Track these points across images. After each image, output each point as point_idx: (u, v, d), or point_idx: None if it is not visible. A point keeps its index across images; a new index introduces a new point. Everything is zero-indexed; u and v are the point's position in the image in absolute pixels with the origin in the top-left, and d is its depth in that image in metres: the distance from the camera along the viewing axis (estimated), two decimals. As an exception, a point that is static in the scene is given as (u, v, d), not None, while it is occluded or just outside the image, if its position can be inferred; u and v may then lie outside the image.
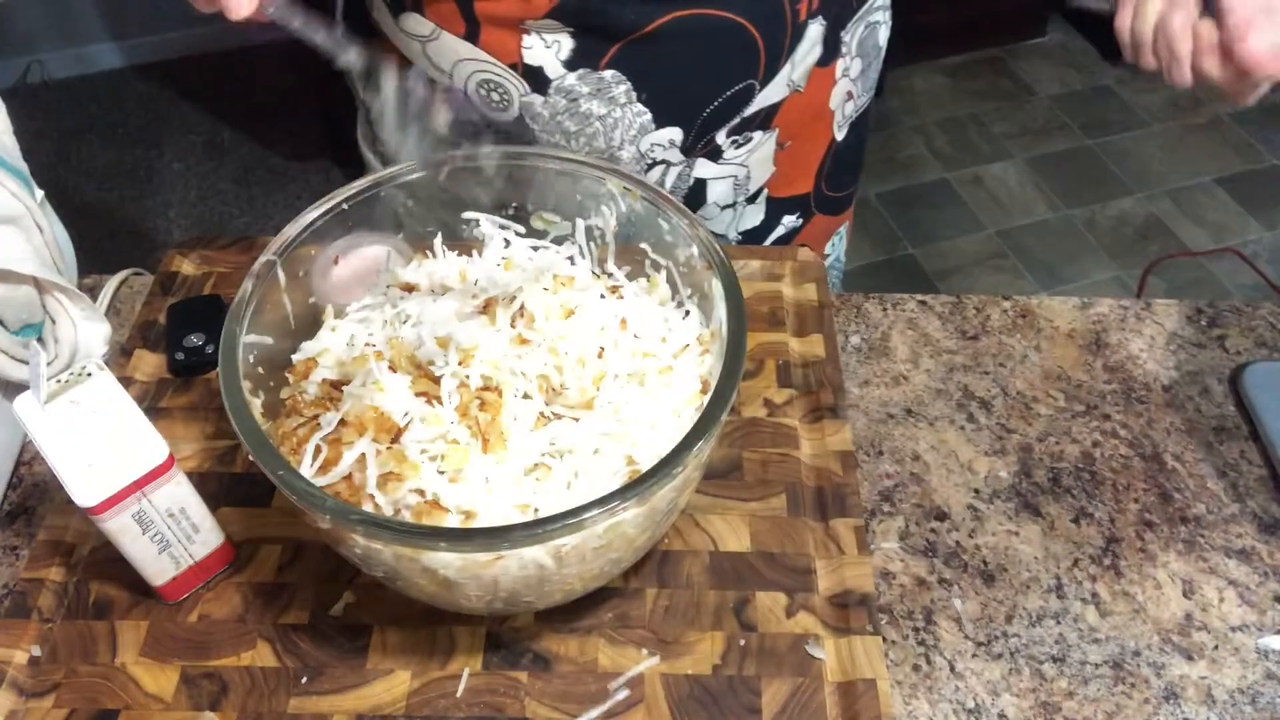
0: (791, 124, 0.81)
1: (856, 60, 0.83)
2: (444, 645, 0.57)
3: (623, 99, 0.72)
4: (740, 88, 0.74)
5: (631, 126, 0.74)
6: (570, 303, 0.58)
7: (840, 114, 0.85)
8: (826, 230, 0.94)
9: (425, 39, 0.72)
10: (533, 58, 0.70)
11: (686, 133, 0.76)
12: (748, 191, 0.84)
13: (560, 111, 0.73)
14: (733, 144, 0.79)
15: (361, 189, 0.60)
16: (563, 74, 0.71)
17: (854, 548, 0.60)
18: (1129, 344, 0.76)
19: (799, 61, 0.77)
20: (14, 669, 0.55)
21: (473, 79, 0.73)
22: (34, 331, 0.63)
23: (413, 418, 0.53)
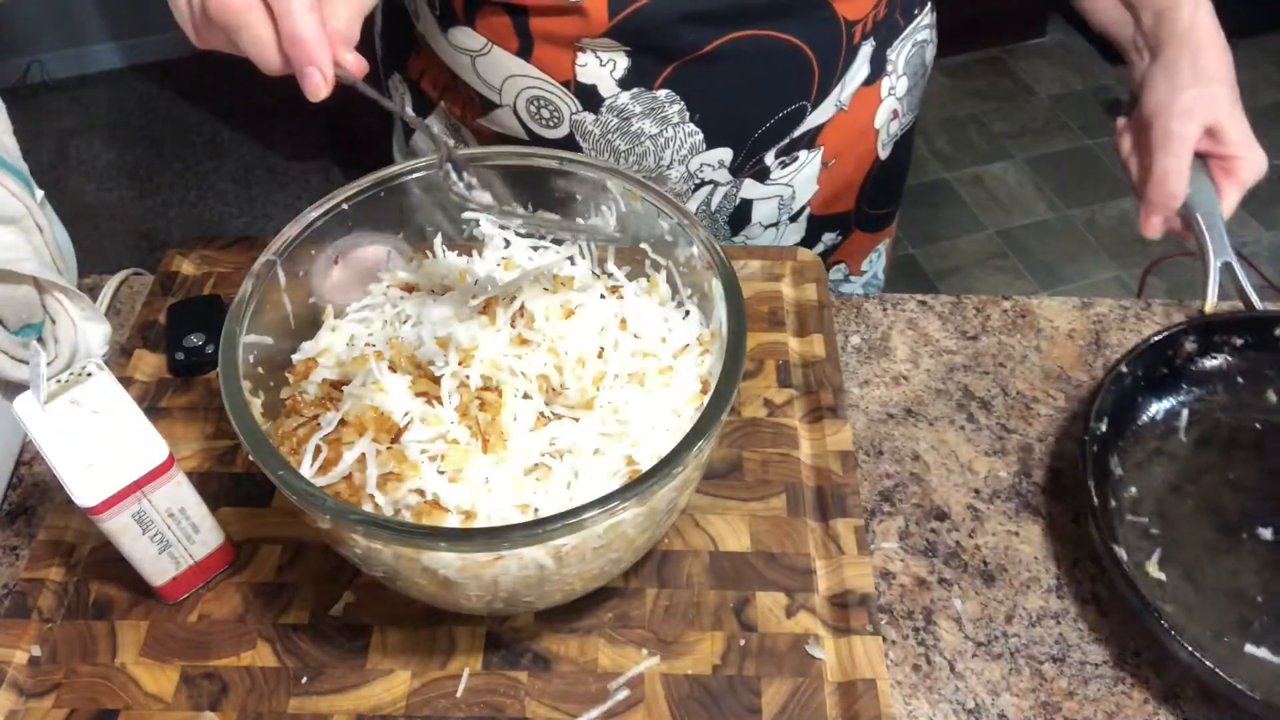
0: (837, 143, 0.80)
1: (903, 79, 0.82)
2: (444, 645, 0.57)
3: (675, 119, 0.72)
4: (793, 109, 0.74)
5: (683, 147, 0.74)
6: (570, 303, 0.58)
7: (885, 133, 0.84)
8: (865, 247, 0.93)
9: (476, 54, 0.71)
10: (586, 75, 0.70)
11: (737, 153, 0.76)
12: (791, 210, 0.83)
13: (611, 130, 0.72)
14: (780, 164, 0.79)
15: (361, 189, 0.60)
16: (616, 93, 0.71)
17: (854, 548, 0.60)
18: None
19: (848, 82, 0.77)
20: (14, 669, 0.55)
21: (522, 95, 0.72)
22: (34, 331, 0.63)
23: (413, 418, 0.53)
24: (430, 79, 0.80)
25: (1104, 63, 2.67)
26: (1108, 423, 0.64)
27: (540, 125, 0.73)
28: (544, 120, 0.73)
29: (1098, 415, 0.63)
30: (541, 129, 0.74)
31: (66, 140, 2.46)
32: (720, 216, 0.82)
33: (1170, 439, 0.67)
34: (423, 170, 0.61)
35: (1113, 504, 0.64)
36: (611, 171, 0.61)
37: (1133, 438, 0.67)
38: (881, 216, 0.93)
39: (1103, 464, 0.64)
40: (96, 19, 2.59)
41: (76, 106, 2.57)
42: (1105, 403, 0.64)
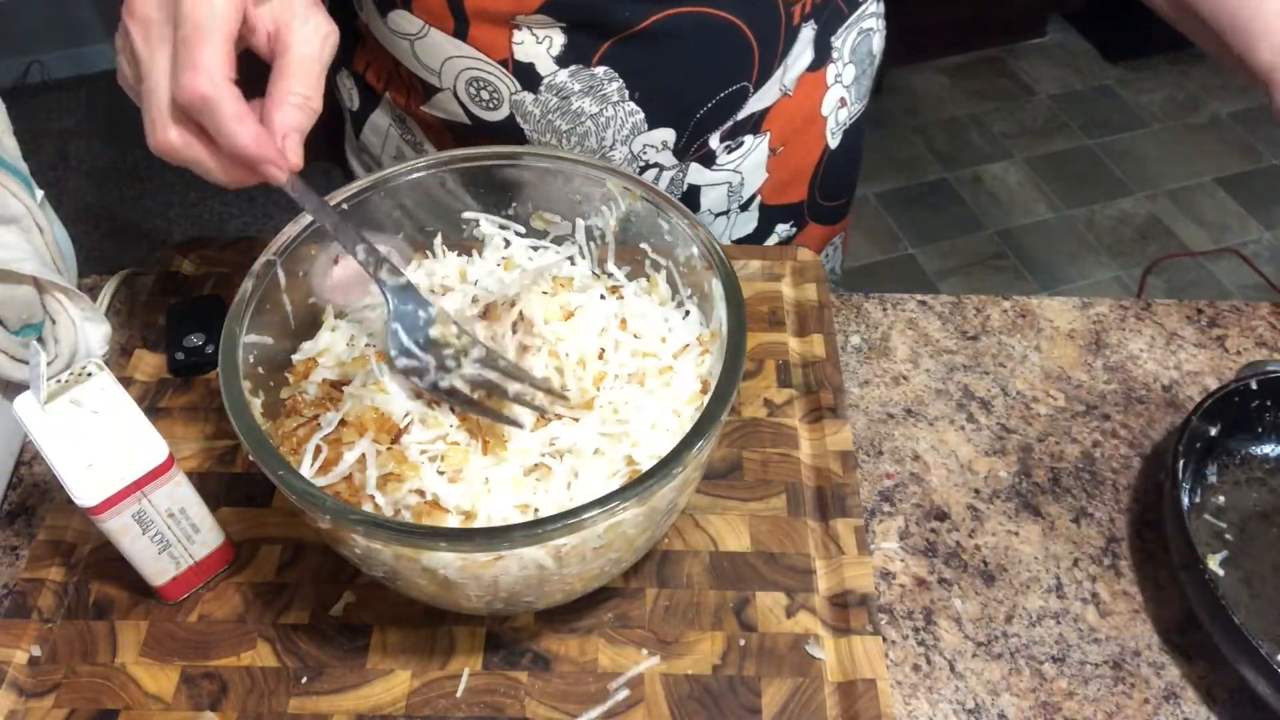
0: (783, 129, 0.80)
1: (850, 67, 0.82)
2: (444, 645, 0.57)
3: (615, 97, 0.72)
4: (734, 90, 0.74)
5: (624, 126, 0.74)
6: (570, 304, 0.58)
7: (834, 120, 0.84)
8: (821, 240, 0.93)
9: (414, 37, 0.71)
10: (523, 54, 0.69)
11: (680, 134, 0.75)
12: (741, 198, 0.83)
13: (551, 110, 0.72)
14: (725, 149, 0.79)
15: (361, 189, 0.60)
16: (554, 70, 0.70)
17: (854, 548, 0.60)
18: (1129, 344, 0.76)
19: (790, 65, 0.77)
20: (14, 669, 0.55)
21: (461, 77, 0.72)
22: (34, 331, 0.63)
23: (413, 419, 0.53)
24: (374, 71, 0.80)
25: (1104, 63, 2.67)
26: (1221, 427, 0.64)
27: (480, 107, 0.73)
28: (484, 102, 0.72)
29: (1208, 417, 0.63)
30: (482, 111, 0.73)
31: (66, 140, 2.46)
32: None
33: (1278, 476, 0.66)
34: (423, 170, 0.61)
35: (1197, 499, 0.64)
36: (611, 171, 0.61)
37: (1239, 455, 0.66)
38: (835, 208, 0.93)
39: (1200, 456, 0.64)
40: (96, 19, 2.59)
41: (76, 106, 2.57)
42: (1221, 404, 0.64)
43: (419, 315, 0.54)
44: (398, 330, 0.53)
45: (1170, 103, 2.55)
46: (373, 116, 0.83)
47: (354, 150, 0.89)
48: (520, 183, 0.63)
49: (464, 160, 0.62)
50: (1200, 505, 0.64)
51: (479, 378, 0.53)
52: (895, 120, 2.53)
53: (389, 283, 0.53)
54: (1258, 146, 2.42)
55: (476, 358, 0.53)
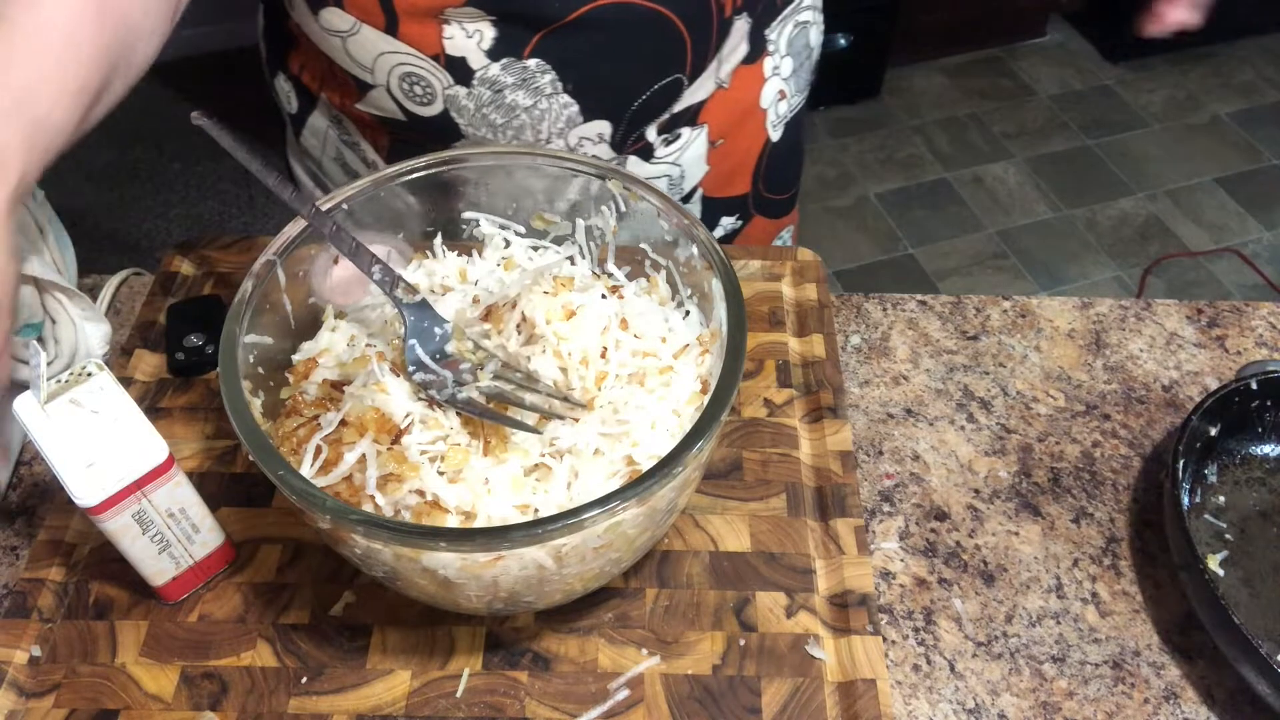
0: (721, 121, 0.80)
1: (787, 59, 0.82)
2: (444, 645, 0.57)
3: (548, 89, 0.71)
4: (668, 81, 0.73)
5: (559, 119, 0.73)
6: (572, 303, 0.58)
7: (773, 113, 0.84)
8: (768, 233, 0.93)
9: (346, 34, 0.71)
10: (454, 48, 0.69)
11: (615, 127, 0.75)
12: (682, 191, 0.83)
13: (486, 104, 0.72)
14: (663, 141, 0.78)
15: (361, 189, 0.60)
16: (486, 64, 0.70)
17: (854, 548, 0.60)
18: (1129, 344, 0.76)
19: (725, 58, 0.77)
20: (14, 669, 0.55)
21: (394, 73, 0.71)
22: (34, 331, 0.63)
23: (413, 419, 0.53)
24: (309, 72, 0.80)
25: (1104, 63, 2.67)
26: (1221, 427, 0.64)
27: (414, 103, 0.73)
28: (417, 97, 0.72)
29: (1208, 417, 0.63)
30: (416, 106, 0.73)
31: (66, 140, 2.46)
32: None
33: (1278, 476, 0.66)
34: (423, 170, 0.61)
35: (1197, 499, 0.64)
36: (612, 171, 0.61)
37: (1239, 455, 0.66)
38: (781, 201, 0.92)
39: (1200, 456, 0.64)
40: (96, 19, 2.58)
41: (76, 106, 2.56)
42: (1221, 404, 0.64)
43: (434, 331, 0.55)
44: (414, 346, 0.54)
45: (1170, 103, 2.55)
46: (311, 118, 0.83)
47: (295, 154, 0.88)
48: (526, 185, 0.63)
49: (462, 160, 0.62)
50: (1200, 505, 0.64)
51: (494, 389, 0.53)
52: (895, 120, 2.53)
53: (405, 301, 0.55)
54: (1258, 146, 2.42)
55: (492, 371, 0.54)
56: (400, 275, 0.55)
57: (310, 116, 0.82)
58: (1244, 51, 2.67)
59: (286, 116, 0.86)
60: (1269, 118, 2.49)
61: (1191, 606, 0.60)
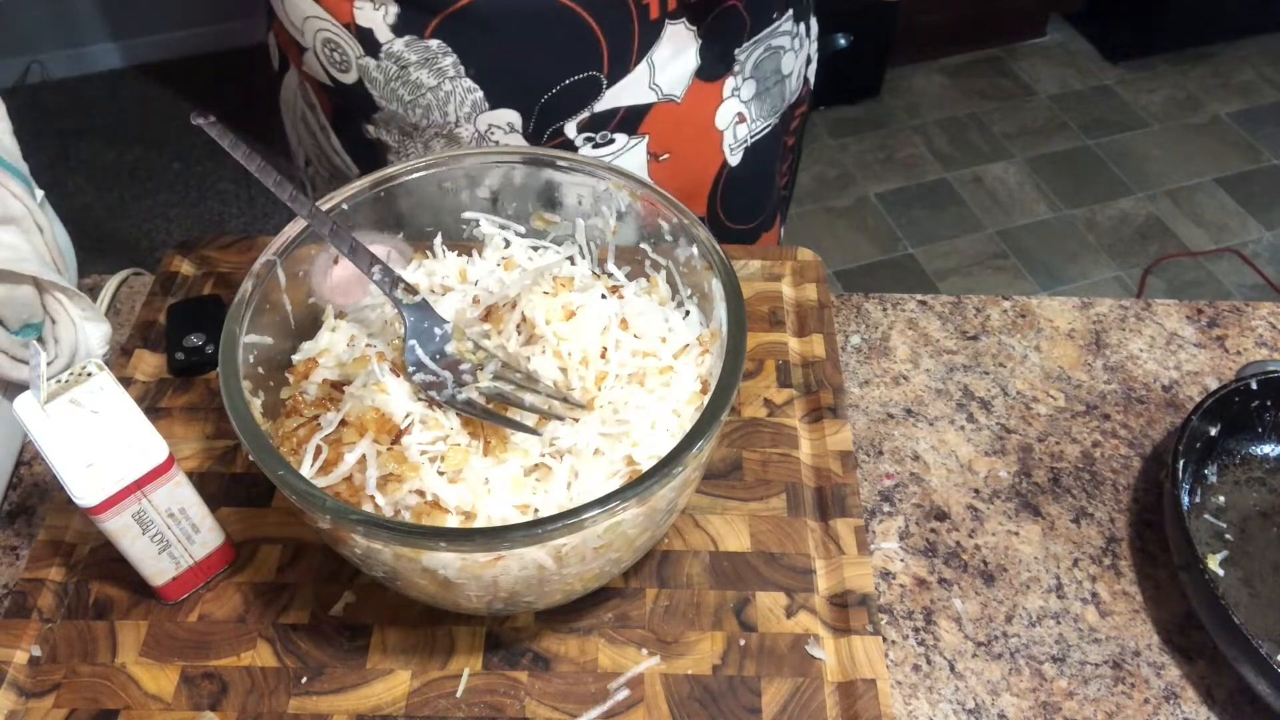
0: (666, 135, 0.78)
1: (750, 82, 0.80)
2: (444, 645, 0.57)
3: (451, 72, 0.71)
4: (582, 78, 0.73)
5: (464, 103, 0.73)
6: (572, 303, 0.58)
7: (731, 136, 0.82)
8: None
9: None
10: (363, 19, 0.69)
11: (526, 118, 0.74)
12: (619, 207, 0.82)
13: (393, 78, 0.72)
14: (588, 142, 0.77)
15: (361, 189, 0.60)
16: (391, 39, 0.70)
17: (854, 548, 0.60)
18: (1129, 344, 0.76)
19: (662, 65, 0.75)
20: (14, 669, 0.55)
21: (318, 37, 0.72)
22: (34, 331, 0.63)
23: (413, 419, 0.53)
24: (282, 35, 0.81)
25: (1104, 62, 2.67)
26: (1221, 427, 0.64)
27: (335, 69, 0.73)
28: (336, 64, 0.73)
29: (1208, 417, 0.63)
30: (336, 73, 0.74)
31: (66, 140, 2.47)
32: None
33: (1278, 476, 0.66)
34: (422, 170, 0.61)
35: (1197, 499, 0.64)
36: (611, 171, 0.61)
37: (1239, 455, 0.66)
38: (745, 231, 0.90)
39: (1200, 456, 0.64)
40: (96, 19, 2.59)
41: (76, 106, 2.57)
42: (1221, 404, 0.64)
43: (435, 332, 0.55)
44: (414, 347, 0.54)
45: (1170, 103, 2.55)
46: (286, 76, 0.84)
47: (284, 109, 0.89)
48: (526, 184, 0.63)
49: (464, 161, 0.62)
50: (1200, 505, 0.64)
51: (494, 390, 0.53)
52: (895, 120, 2.53)
53: (405, 301, 0.55)
54: (1258, 146, 2.42)
55: (492, 371, 0.54)
56: (400, 275, 0.55)
57: (285, 75, 0.84)
58: (1244, 51, 2.67)
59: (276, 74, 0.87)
60: (1269, 118, 2.49)
61: (1191, 606, 0.60)
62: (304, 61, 0.76)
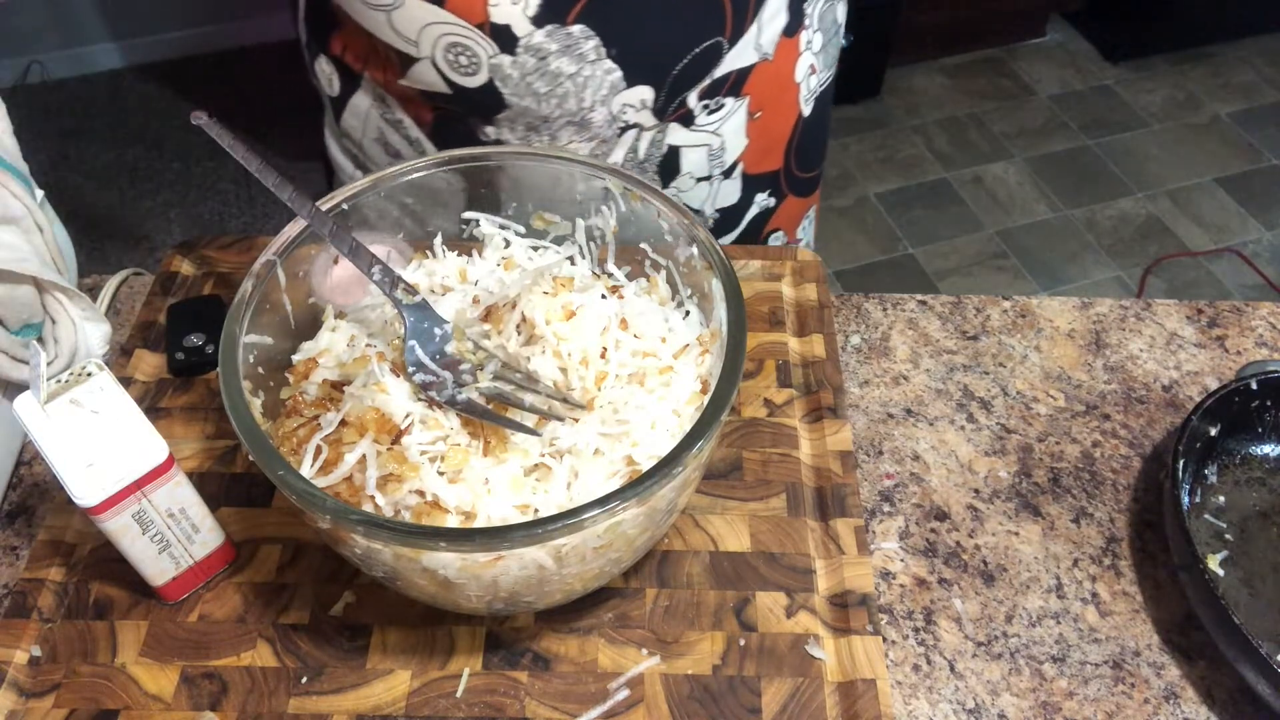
0: (761, 93, 0.80)
1: (818, 34, 0.83)
2: (444, 645, 0.57)
3: (592, 55, 0.71)
4: (709, 45, 0.74)
5: (602, 85, 0.73)
6: (572, 303, 0.58)
7: (805, 87, 0.84)
8: (798, 212, 0.94)
9: (389, 7, 0.71)
10: (499, 15, 0.69)
11: (658, 92, 0.75)
12: (723, 164, 0.83)
13: (530, 71, 0.72)
14: (704, 109, 0.79)
15: (361, 189, 0.60)
16: (530, 31, 0.70)
17: (854, 548, 0.60)
18: (1129, 344, 0.76)
19: (765, 24, 0.76)
20: (14, 669, 0.55)
21: (440, 44, 0.71)
22: (34, 331, 0.63)
23: (414, 419, 0.53)
24: (352, 52, 0.80)
25: (1104, 63, 2.67)
26: (1221, 427, 0.64)
27: (459, 73, 0.73)
28: (462, 68, 0.72)
29: (1208, 417, 0.63)
30: (461, 77, 0.73)
31: (66, 140, 2.47)
32: (649, 165, 0.81)
33: (1278, 476, 0.66)
34: (423, 170, 0.61)
35: (1197, 499, 0.64)
36: (611, 171, 0.61)
37: (1239, 455, 0.66)
38: (809, 180, 0.93)
39: (1200, 456, 0.64)
40: (96, 19, 2.59)
41: (76, 106, 2.57)
42: (1221, 404, 0.64)
43: (434, 332, 0.55)
44: (414, 347, 0.54)
45: (1170, 103, 2.55)
46: (353, 99, 0.83)
47: (335, 136, 0.89)
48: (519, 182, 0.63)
49: (462, 160, 0.62)
50: (1200, 505, 0.64)
51: (494, 390, 0.53)
52: (895, 120, 2.53)
53: (405, 302, 0.55)
54: (1258, 146, 2.42)
55: (492, 371, 0.54)
56: (400, 275, 0.55)
57: (352, 97, 0.83)
58: (1244, 51, 2.67)
59: (326, 100, 0.86)
60: (1269, 118, 2.49)
61: (1191, 606, 0.60)
62: (409, 74, 0.75)
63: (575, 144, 0.77)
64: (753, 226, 0.91)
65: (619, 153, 0.79)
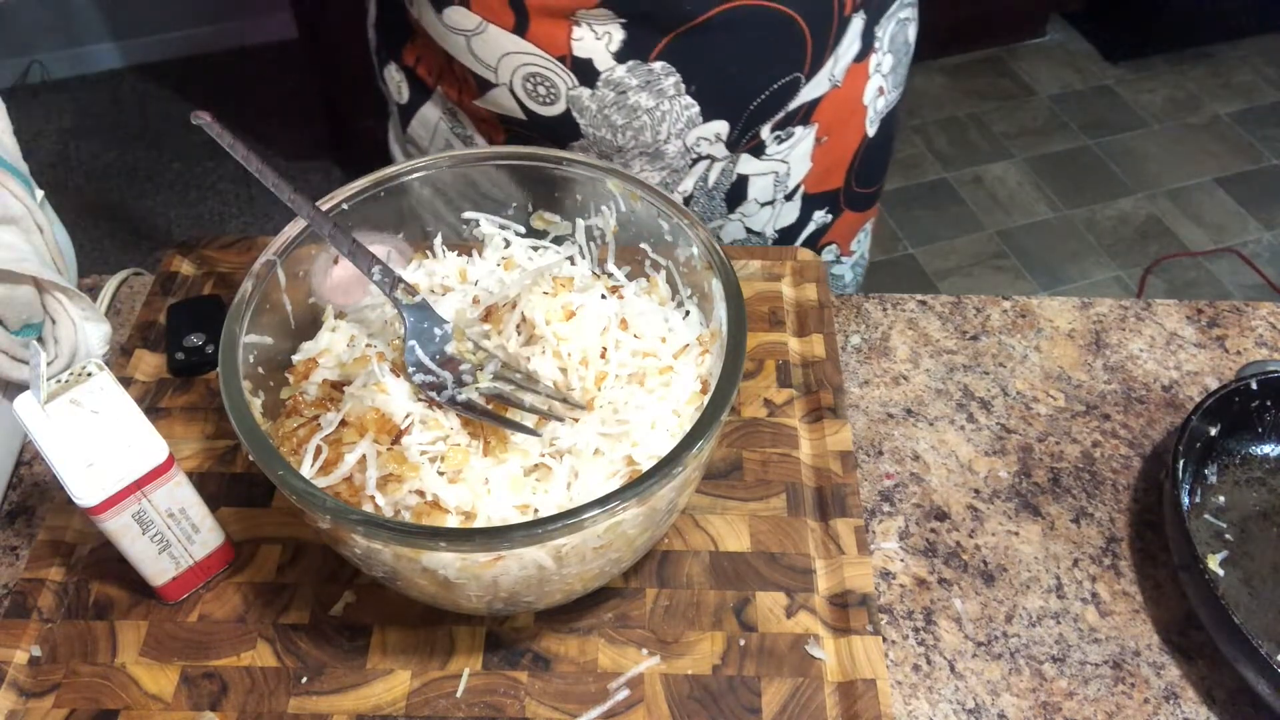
0: (829, 119, 0.81)
1: (888, 56, 0.83)
2: (444, 645, 0.57)
3: (671, 91, 0.72)
4: (787, 81, 0.74)
5: (679, 120, 0.74)
6: (572, 304, 0.58)
7: (873, 109, 0.85)
8: (854, 226, 0.94)
9: (471, 33, 0.71)
10: (582, 49, 0.70)
11: (733, 126, 0.76)
12: (787, 188, 0.84)
13: (608, 104, 0.72)
14: (775, 139, 0.79)
15: (361, 189, 0.60)
16: (612, 66, 0.70)
17: (854, 548, 0.60)
18: (1129, 344, 0.76)
19: (841, 56, 0.77)
20: (14, 669, 0.55)
21: (518, 73, 0.72)
22: (34, 331, 0.63)
23: (414, 419, 0.53)
24: (426, 65, 0.80)
25: (1104, 63, 2.67)
26: (1221, 427, 0.64)
27: (537, 102, 0.73)
28: (540, 97, 0.73)
29: (1208, 417, 0.63)
30: (538, 106, 0.74)
31: (66, 140, 2.46)
32: (718, 193, 0.82)
33: (1278, 476, 0.66)
34: (422, 170, 0.61)
35: (1197, 499, 0.64)
36: (611, 171, 0.61)
37: (1239, 455, 0.66)
38: (868, 195, 0.93)
39: (1200, 456, 0.64)
40: (96, 19, 2.59)
41: (76, 106, 2.57)
42: (1221, 404, 0.64)
43: (434, 332, 0.55)
44: (414, 347, 0.54)
45: (1170, 103, 2.55)
46: (422, 110, 0.83)
47: (400, 141, 0.89)
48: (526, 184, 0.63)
49: (463, 161, 0.62)
50: (1200, 505, 0.64)
51: (494, 390, 0.53)
52: (895, 120, 2.52)
53: (405, 302, 0.55)
54: (1258, 146, 2.42)
55: (492, 371, 0.54)
56: (400, 275, 0.55)
57: (421, 108, 0.83)
58: (1244, 51, 2.67)
59: (394, 106, 0.86)
60: (1269, 118, 2.49)
61: (1191, 606, 0.60)
62: (486, 97, 0.75)
63: (647, 173, 0.77)
64: (807, 242, 0.91)
65: (689, 182, 0.80)
